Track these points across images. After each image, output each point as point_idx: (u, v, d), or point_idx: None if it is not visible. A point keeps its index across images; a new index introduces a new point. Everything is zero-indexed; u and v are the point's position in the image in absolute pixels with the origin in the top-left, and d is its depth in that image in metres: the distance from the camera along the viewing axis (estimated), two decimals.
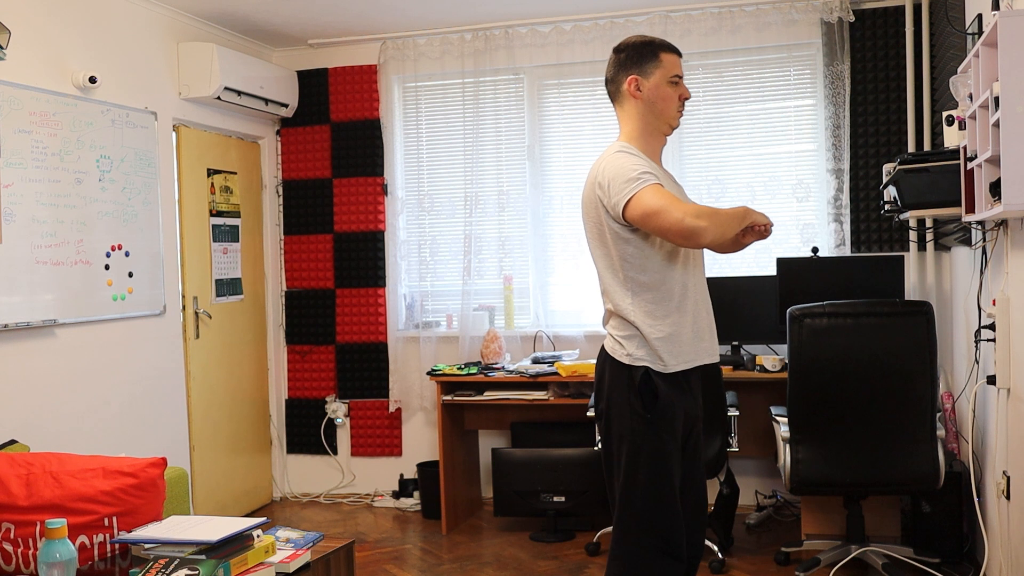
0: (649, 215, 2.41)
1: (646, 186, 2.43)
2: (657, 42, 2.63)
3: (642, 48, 2.62)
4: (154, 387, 4.56)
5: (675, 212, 2.37)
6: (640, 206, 2.42)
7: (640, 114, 2.62)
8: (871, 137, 4.74)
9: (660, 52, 2.61)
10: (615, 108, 2.69)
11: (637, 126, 2.63)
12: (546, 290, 5.22)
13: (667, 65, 2.61)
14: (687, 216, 2.37)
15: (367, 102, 5.46)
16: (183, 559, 2.23)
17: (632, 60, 2.61)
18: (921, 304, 3.63)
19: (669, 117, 2.63)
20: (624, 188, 2.45)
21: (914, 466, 3.63)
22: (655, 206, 2.39)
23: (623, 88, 2.62)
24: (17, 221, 3.72)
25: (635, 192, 2.43)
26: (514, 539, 4.68)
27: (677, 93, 2.62)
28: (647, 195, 2.42)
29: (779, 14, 4.80)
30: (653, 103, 2.61)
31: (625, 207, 2.45)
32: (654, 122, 2.63)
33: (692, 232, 2.37)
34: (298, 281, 5.63)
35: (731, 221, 2.50)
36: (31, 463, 2.85)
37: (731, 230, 2.50)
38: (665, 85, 2.60)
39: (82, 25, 4.17)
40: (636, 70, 2.60)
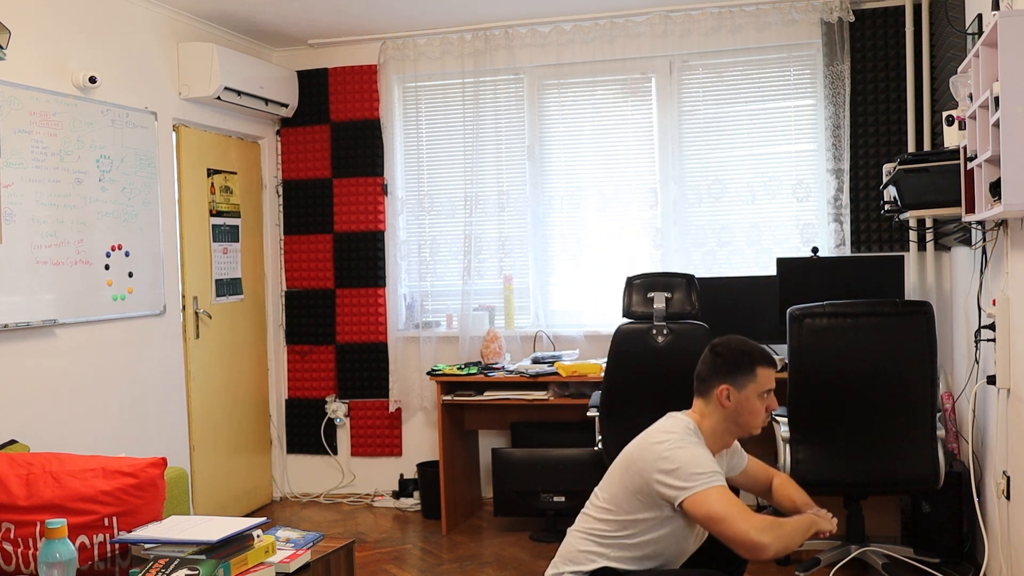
0: (714, 520, 2.36)
1: (714, 487, 2.38)
2: (756, 354, 2.58)
3: (740, 359, 2.57)
4: (154, 387, 4.56)
5: (741, 524, 2.33)
6: (705, 507, 2.37)
7: (722, 418, 2.57)
8: (871, 137, 4.74)
9: (757, 367, 2.56)
10: (696, 398, 2.62)
11: (713, 424, 2.57)
12: (546, 290, 5.22)
13: (761, 380, 2.56)
14: (752, 530, 2.33)
15: (367, 102, 5.46)
16: (183, 559, 2.23)
17: (727, 368, 2.56)
18: (921, 304, 3.63)
19: (751, 427, 2.60)
20: (691, 481, 2.38)
21: (914, 466, 3.63)
22: (722, 513, 2.35)
23: (714, 393, 2.56)
24: (17, 221, 3.72)
25: (702, 490, 2.38)
26: (514, 539, 4.68)
27: (765, 405, 2.59)
28: (715, 498, 2.37)
29: (779, 14, 4.80)
30: (739, 414, 2.56)
31: (686, 500, 2.39)
32: (733, 429, 2.60)
33: (756, 548, 2.34)
34: (298, 281, 5.63)
35: (795, 535, 2.47)
36: (31, 463, 2.85)
37: (795, 544, 2.47)
38: (755, 399, 2.56)
39: (82, 25, 4.17)
40: (730, 380, 2.54)
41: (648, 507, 2.46)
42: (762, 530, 2.34)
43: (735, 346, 2.61)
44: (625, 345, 4.13)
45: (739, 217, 4.95)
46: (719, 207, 4.95)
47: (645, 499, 2.46)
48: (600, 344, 4.92)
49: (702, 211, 4.99)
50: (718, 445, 2.60)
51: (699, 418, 2.57)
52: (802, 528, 2.50)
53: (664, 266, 4.93)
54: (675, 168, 5.00)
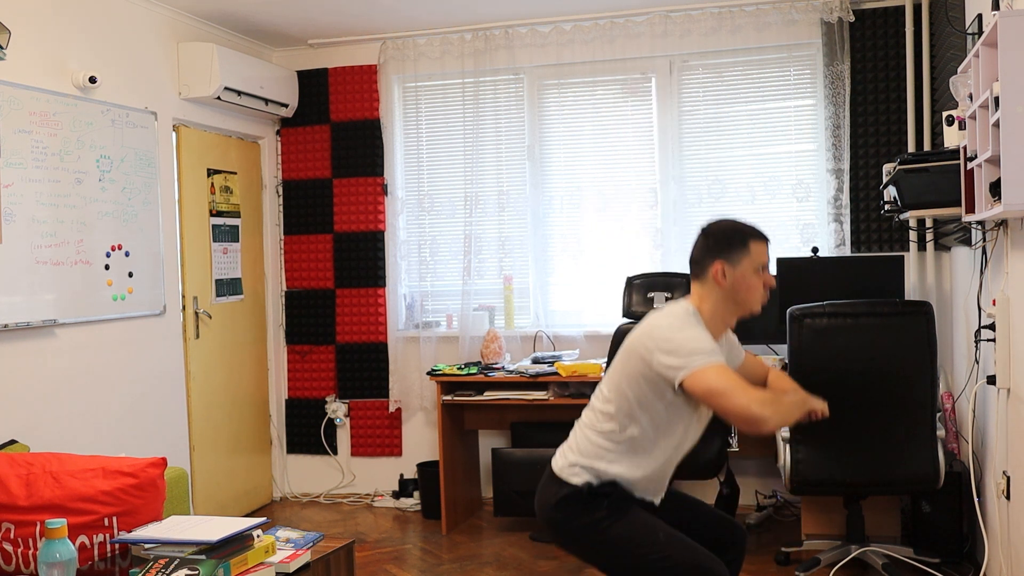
0: (714, 394, 2.36)
1: (714, 364, 2.39)
2: (747, 230, 2.59)
3: (731, 235, 2.57)
4: (154, 387, 4.56)
5: (741, 397, 2.33)
6: (704, 384, 2.37)
7: (720, 298, 2.57)
8: (871, 137, 4.74)
9: (749, 240, 2.56)
10: (693, 280, 2.62)
11: (712, 305, 2.57)
12: (546, 290, 5.22)
13: (755, 254, 2.56)
14: (752, 403, 2.33)
15: (367, 102, 5.46)
16: (183, 559, 2.23)
17: (720, 246, 2.56)
18: (921, 304, 3.63)
19: (751, 304, 2.59)
20: (689, 360, 2.39)
21: (914, 466, 3.63)
22: (721, 387, 2.35)
23: (709, 273, 2.56)
24: (17, 221, 3.72)
25: (702, 367, 2.38)
26: (514, 539, 4.68)
27: (762, 281, 2.58)
28: (713, 374, 2.37)
29: (779, 14, 4.80)
30: (737, 291, 2.56)
31: (686, 378, 2.39)
32: (733, 308, 2.59)
33: (757, 420, 2.34)
34: (298, 281, 5.64)
35: (793, 409, 2.48)
36: (31, 463, 2.85)
37: (791, 419, 2.48)
38: (752, 274, 2.56)
39: (82, 25, 4.17)
40: (723, 257, 2.54)
41: (650, 391, 2.47)
42: (762, 403, 2.35)
43: (726, 225, 2.62)
44: None
45: (739, 217, 4.93)
46: (719, 207, 4.95)
47: (648, 384, 2.47)
48: (600, 344, 4.92)
49: (702, 211, 4.98)
50: (719, 327, 2.59)
51: (698, 301, 2.58)
52: (797, 403, 2.52)
53: (664, 266, 4.93)
54: (675, 168, 5.00)
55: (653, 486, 2.59)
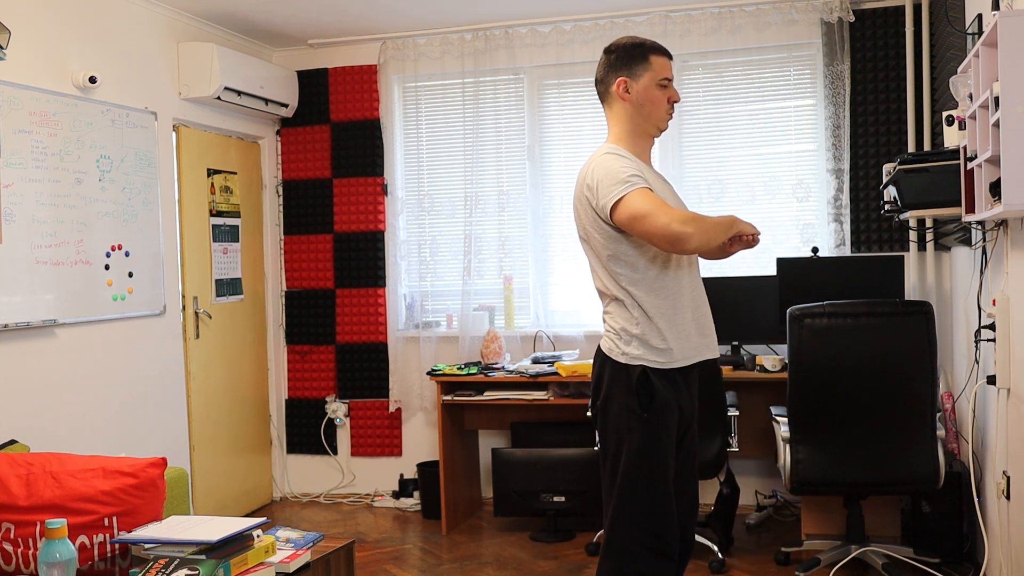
0: (636, 219, 2.42)
1: (634, 189, 2.44)
2: (648, 44, 2.62)
3: (632, 50, 2.61)
4: (154, 387, 4.56)
5: (662, 217, 2.38)
6: (628, 209, 2.43)
7: (628, 116, 2.62)
8: (871, 137, 4.74)
9: (650, 54, 2.60)
10: (604, 108, 2.69)
11: (626, 128, 2.63)
12: (546, 290, 5.22)
13: (657, 68, 2.60)
14: (673, 222, 2.38)
15: (367, 102, 5.46)
16: (183, 559, 2.23)
17: (622, 62, 2.61)
18: (921, 304, 3.63)
19: (657, 120, 2.63)
20: (612, 190, 2.46)
21: (914, 466, 3.63)
22: (642, 210, 2.41)
23: (612, 89, 2.62)
24: (17, 221, 3.72)
25: (623, 194, 2.45)
26: (514, 539, 4.68)
27: (666, 96, 2.61)
28: (635, 199, 2.43)
29: (779, 14, 4.80)
30: (641, 105, 2.60)
31: (613, 209, 2.46)
32: (642, 124, 2.63)
33: (677, 238, 2.39)
34: (298, 281, 5.64)
35: (717, 229, 2.49)
36: (31, 463, 2.85)
37: (717, 238, 2.49)
38: (654, 88, 2.59)
39: (82, 25, 4.17)
40: (625, 72, 2.59)
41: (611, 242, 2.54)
42: (684, 221, 2.40)
43: (626, 41, 2.65)
44: None
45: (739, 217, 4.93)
46: (719, 207, 4.95)
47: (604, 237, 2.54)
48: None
49: (702, 211, 4.96)
50: (638, 148, 2.64)
51: (612, 135, 2.63)
52: (724, 224, 2.52)
53: None
54: (675, 168, 5.00)
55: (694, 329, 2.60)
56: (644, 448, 2.54)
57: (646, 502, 2.54)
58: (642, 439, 2.53)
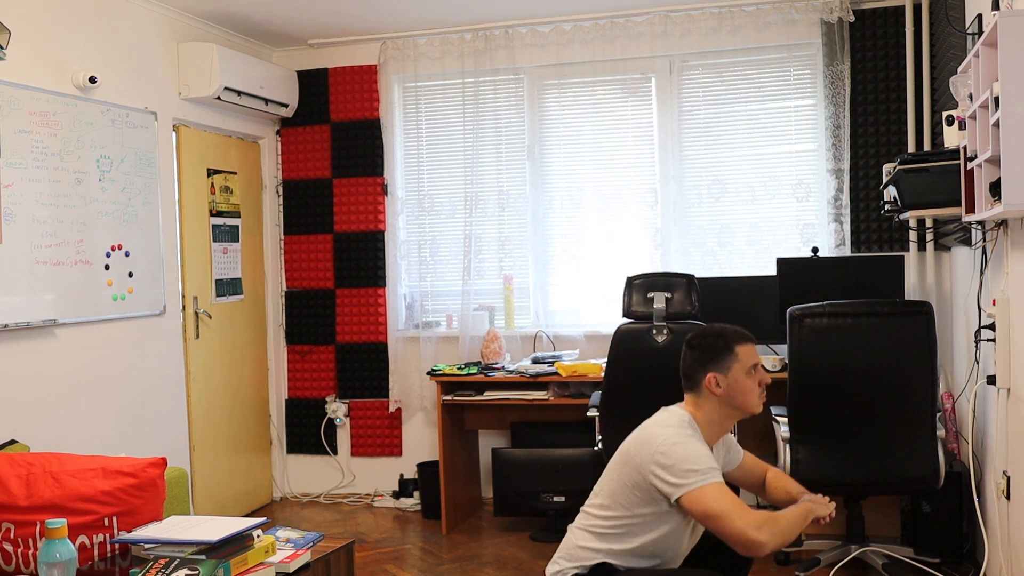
0: (711, 517, 2.37)
1: (711, 484, 2.38)
2: (730, 334, 2.58)
3: (717, 343, 2.56)
4: (154, 387, 4.56)
5: (737, 522, 2.34)
6: (702, 504, 2.37)
7: (717, 406, 2.56)
8: (871, 137, 4.74)
9: (735, 345, 2.56)
10: (687, 393, 2.60)
11: (708, 413, 2.56)
12: (546, 290, 5.22)
13: (744, 358, 2.55)
14: (749, 528, 2.33)
15: (367, 102, 5.46)
16: (183, 559, 2.23)
17: (708, 356, 2.55)
18: (921, 304, 3.63)
19: (751, 407, 2.58)
20: (688, 478, 2.38)
21: (914, 466, 3.63)
22: (718, 510, 2.35)
23: (702, 384, 2.55)
24: (17, 221, 3.72)
25: (699, 487, 2.38)
26: (514, 539, 4.68)
27: (757, 380, 2.57)
28: (712, 495, 2.37)
29: (779, 14, 4.80)
30: (733, 397, 2.55)
31: (683, 497, 2.39)
32: (731, 412, 2.58)
33: (752, 545, 2.35)
34: (298, 281, 5.63)
35: (792, 527, 2.46)
36: (31, 463, 2.85)
37: (792, 535, 2.46)
38: (744, 378, 2.55)
39: (82, 25, 4.17)
40: (714, 367, 2.54)
41: (646, 502, 2.46)
42: (759, 527, 2.35)
43: (708, 333, 2.62)
44: (625, 345, 4.13)
45: (739, 217, 4.95)
46: (719, 207, 4.95)
47: (643, 494, 2.46)
48: (600, 344, 4.92)
49: (702, 211, 4.99)
50: (716, 434, 2.59)
51: (693, 410, 2.57)
52: (798, 519, 2.50)
53: (664, 266, 4.93)
54: (675, 168, 5.00)
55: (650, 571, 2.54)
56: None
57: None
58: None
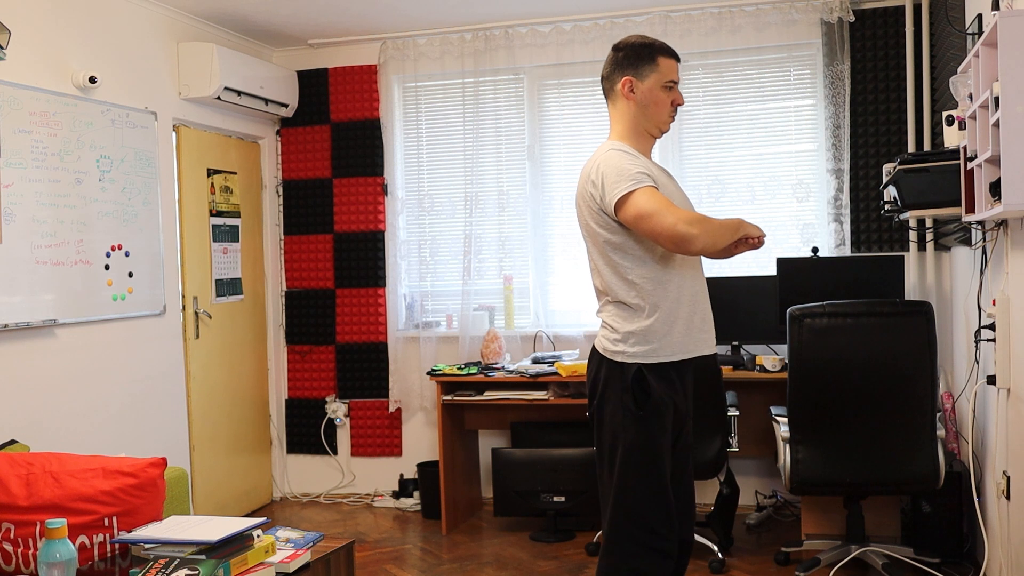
0: (642, 217, 2.42)
1: (641, 187, 2.44)
2: (656, 45, 2.62)
3: (640, 49, 2.61)
4: (154, 387, 4.56)
5: (668, 217, 2.38)
6: (634, 207, 2.43)
7: (632, 115, 2.63)
8: (871, 137, 4.74)
9: (658, 56, 2.60)
10: (608, 105, 2.71)
11: (628, 126, 2.64)
12: (546, 290, 5.22)
13: (663, 69, 2.60)
14: (679, 223, 2.38)
15: (367, 102, 5.46)
16: (183, 559, 2.23)
17: (629, 61, 2.61)
18: (921, 304, 3.63)
19: (660, 121, 2.64)
20: (618, 186, 2.46)
21: (914, 466, 3.63)
22: (648, 209, 2.41)
23: (617, 88, 2.63)
24: (17, 221, 3.72)
25: (629, 191, 2.45)
26: (514, 539, 4.68)
27: (670, 98, 2.62)
28: (641, 197, 2.43)
29: (779, 14, 4.80)
30: (645, 106, 2.61)
31: (618, 206, 2.46)
32: (644, 123, 2.64)
33: (682, 239, 2.39)
34: (298, 281, 5.63)
35: (723, 231, 2.49)
36: (31, 463, 2.85)
37: (723, 240, 2.49)
38: (659, 89, 2.60)
39: (82, 25, 4.17)
40: (632, 71, 2.60)
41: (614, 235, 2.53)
42: (690, 222, 2.40)
43: (635, 40, 2.65)
44: None
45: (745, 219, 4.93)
46: (719, 207, 4.95)
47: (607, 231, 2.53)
48: None
49: (702, 211, 4.95)
50: (640, 147, 2.64)
51: (615, 132, 2.64)
52: (730, 227, 2.52)
53: None
54: (675, 168, 4.99)
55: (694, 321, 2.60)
56: (640, 446, 2.54)
57: (643, 500, 2.54)
58: (637, 437, 2.54)
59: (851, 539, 3.90)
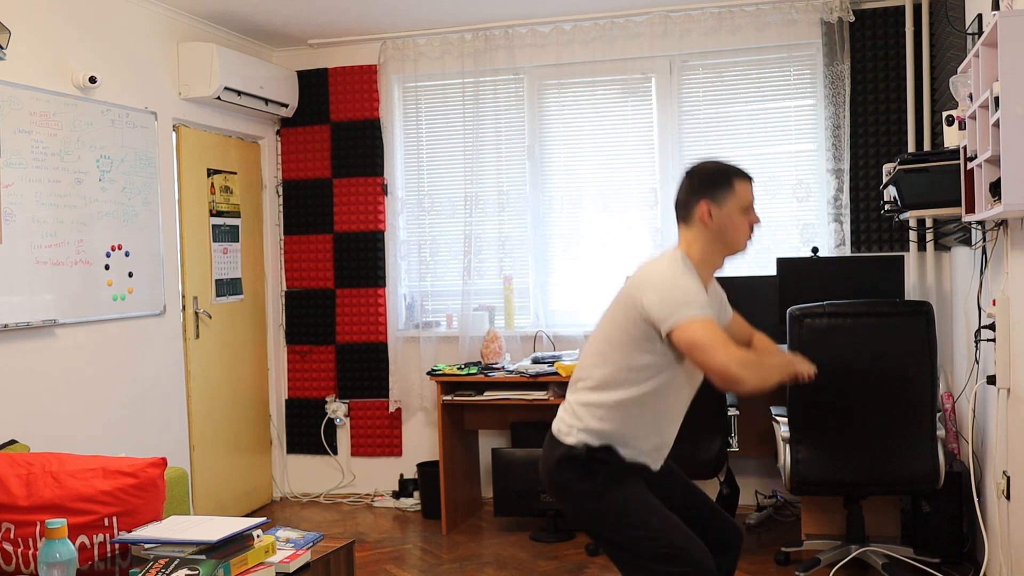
0: (697, 348, 2.37)
1: (701, 318, 2.39)
2: (731, 169, 2.59)
3: (716, 175, 2.58)
4: (154, 387, 4.56)
5: (721, 355, 2.34)
6: (689, 336, 2.38)
7: (707, 239, 2.57)
8: (871, 137, 4.74)
9: (734, 180, 2.57)
10: (679, 225, 2.62)
11: (700, 249, 2.58)
12: (546, 290, 5.22)
13: (740, 193, 2.57)
14: (732, 363, 2.33)
15: (367, 102, 5.46)
16: (183, 559, 2.23)
17: (705, 187, 2.56)
18: (921, 304, 3.63)
19: (739, 244, 2.60)
20: (678, 311, 2.40)
21: (914, 466, 3.63)
22: (704, 342, 2.36)
23: (695, 214, 2.57)
24: (17, 221, 3.72)
25: (689, 320, 2.39)
26: (514, 539, 4.68)
27: (748, 220, 2.59)
28: (700, 328, 2.38)
29: (779, 14, 4.80)
30: (724, 231, 2.56)
31: (674, 328, 2.40)
32: (720, 248, 2.59)
33: (733, 380, 2.35)
34: (298, 281, 5.64)
35: (773, 372, 2.47)
36: (31, 463, 2.85)
37: (772, 381, 2.46)
38: (737, 213, 2.57)
39: (82, 25, 4.17)
40: (709, 197, 2.55)
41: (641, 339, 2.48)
42: (741, 364, 2.35)
43: (710, 165, 2.63)
44: None
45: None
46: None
47: (638, 332, 2.48)
48: None
49: None
50: (708, 270, 2.61)
51: (686, 247, 2.59)
52: (780, 367, 2.51)
53: None
54: (675, 168, 4.99)
55: (650, 447, 2.57)
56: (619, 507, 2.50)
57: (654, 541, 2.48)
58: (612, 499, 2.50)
59: (851, 539, 3.90)
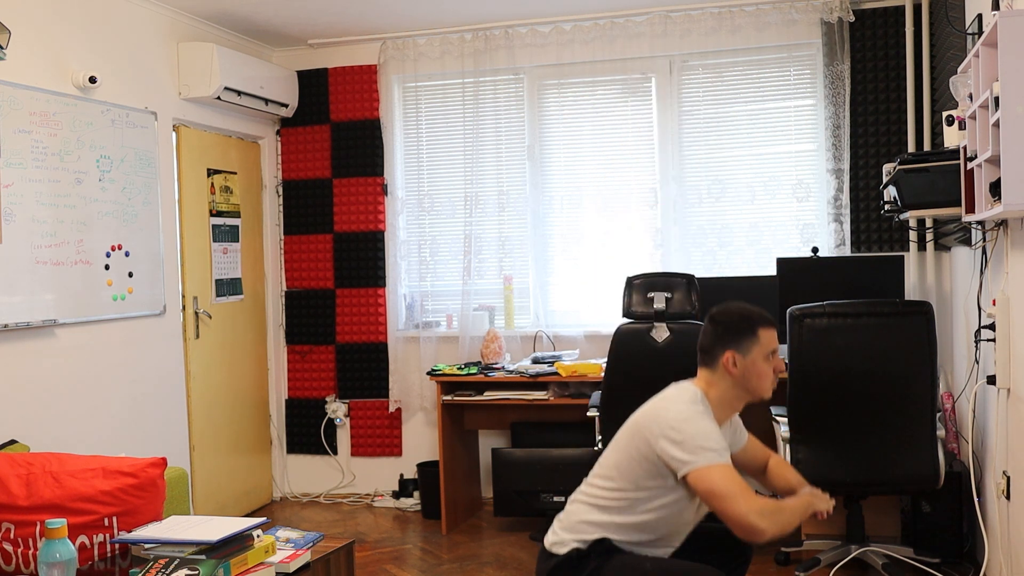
0: (714, 496, 2.36)
1: (720, 464, 2.38)
2: (755, 317, 2.58)
3: (740, 324, 2.56)
4: (154, 387, 4.56)
5: (741, 504, 2.33)
6: (707, 483, 2.37)
7: (728, 385, 2.56)
8: (871, 137, 4.74)
9: (758, 328, 2.55)
10: (701, 367, 2.60)
11: (722, 392, 2.56)
12: (546, 290, 5.22)
13: (764, 341, 2.55)
14: (751, 513, 2.33)
15: (367, 102, 5.46)
16: (183, 559, 2.23)
17: (730, 335, 2.55)
18: (921, 304, 3.63)
19: (763, 391, 2.58)
20: (697, 455, 2.38)
21: (914, 466, 3.63)
22: (723, 491, 2.35)
23: (719, 362, 2.55)
24: (17, 221, 3.72)
25: (708, 465, 2.37)
26: (514, 539, 4.68)
27: (772, 366, 2.57)
28: (719, 475, 2.37)
29: (779, 14, 4.80)
30: (748, 379, 2.55)
31: (690, 474, 2.39)
32: (742, 394, 2.58)
33: (752, 530, 2.35)
34: (298, 281, 5.64)
35: (792, 517, 2.47)
36: (31, 463, 2.85)
37: (791, 527, 2.46)
38: (762, 362, 2.55)
39: (82, 25, 4.17)
40: (733, 346, 2.54)
41: (652, 476, 2.46)
42: (761, 514, 2.35)
43: (734, 312, 2.61)
44: (625, 345, 4.13)
45: (739, 217, 4.95)
46: (719, 207, 4.95)
47: (650, 467, 2.46)
48: (600, 344, 4.92)
49: (702, 211, 4.99)
50: (725, 413, 2.59)
51: (706, 387, 2.57)
52: (799, 510, 2.51)
53: (664, 266, 4.93)
54: (675, 168, 5.00)
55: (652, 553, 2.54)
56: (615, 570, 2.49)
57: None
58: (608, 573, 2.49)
59: (851, 539, 3.91)
